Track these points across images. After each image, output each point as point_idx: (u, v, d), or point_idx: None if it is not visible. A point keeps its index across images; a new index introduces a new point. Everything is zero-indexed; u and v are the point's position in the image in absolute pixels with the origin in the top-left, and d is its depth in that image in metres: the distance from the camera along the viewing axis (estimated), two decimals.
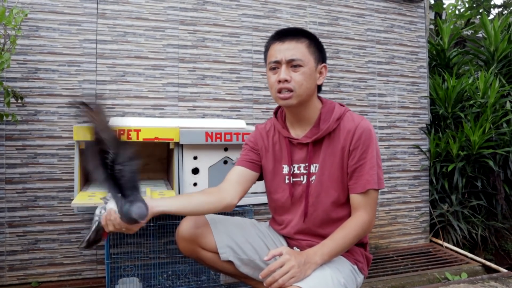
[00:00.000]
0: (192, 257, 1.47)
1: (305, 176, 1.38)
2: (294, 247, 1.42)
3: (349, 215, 1.33)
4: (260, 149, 1.47)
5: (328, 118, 1.34)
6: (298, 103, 1.31)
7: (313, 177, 1.35)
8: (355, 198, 1.30)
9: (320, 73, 1.36)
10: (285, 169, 1.40)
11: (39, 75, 2.07)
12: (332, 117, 1.33)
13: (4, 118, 1.84)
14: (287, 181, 1.40)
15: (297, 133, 1.40)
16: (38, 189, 2.05)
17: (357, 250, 1.38)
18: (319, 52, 1.35)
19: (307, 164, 1.36)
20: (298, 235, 1.42)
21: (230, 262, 1.41)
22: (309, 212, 1.37)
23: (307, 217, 1.38)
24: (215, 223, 1.43)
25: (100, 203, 1.07)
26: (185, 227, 1.40)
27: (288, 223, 1.44)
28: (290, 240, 1.47)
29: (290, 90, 1.29)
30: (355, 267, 1.33)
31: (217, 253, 1.40)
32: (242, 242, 1.43)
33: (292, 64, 1.29)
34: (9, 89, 1.82)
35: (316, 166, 1.35)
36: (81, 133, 1.68)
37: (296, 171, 1.39)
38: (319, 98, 1.42)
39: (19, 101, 1.95)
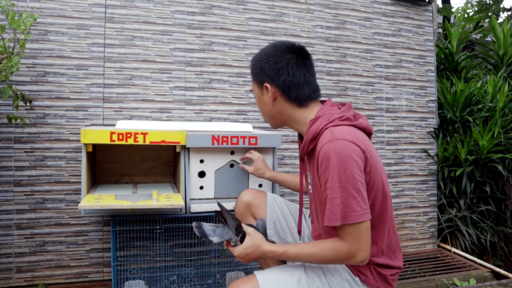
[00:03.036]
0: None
1: (307, 185, 1.39)
2: None
3: None
4: None
5: (305, 137, 1.25)
6: (274, 126, 1.40)
7: (311, 189, 1.33)
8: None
9: (268, 94, 1.30)
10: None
11: (48, 78, 2.09)
12: (305, 138, 1.24)
13: (13, 121, 1.87)
14: (305, 184, 1.43)
15: None
16: (46, 191, 2.07)
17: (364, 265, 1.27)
18: (259, 75, 1.31)
19: (307, 173, 1.36)
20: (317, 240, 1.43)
21: None
22: (313, 228, 1.40)
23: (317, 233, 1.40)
24: (273, 200, 1.59)
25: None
26: (247, 193, 1.63)
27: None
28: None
29: None
30: (357, 279, 1.26)
31: None
32: (290, 226, 1.56)
33: None
34: (18, 93, 1.84)
35: (309, 177, 1.32)
36: (88, 136, 1.69)
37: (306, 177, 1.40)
38: (322, 105, 1.33)
39: (28, 104, 1.97)
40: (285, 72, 1.27)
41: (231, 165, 1.92)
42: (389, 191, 1.26)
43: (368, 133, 1.25)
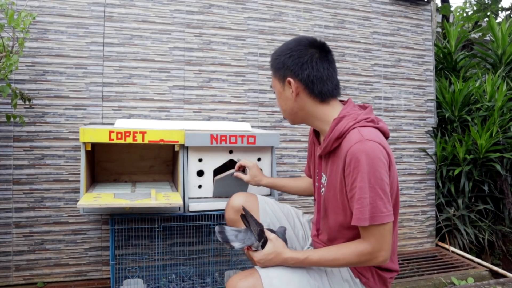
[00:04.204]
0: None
1: (317, 184, 1.38)
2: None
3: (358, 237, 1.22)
4: (310, 153, 1.52)
5: (330, 134, 1.23)
6: (293, 122, 1.38)
7: (323, 189, 1.32)
8: (359, 228, 1.19)
9: (290, 89, 1.28)
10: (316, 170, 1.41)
11: (47, 77, 2.09)
12: (330, 136, 1.22)
13: (12, 119, 1.87)
14: (315, 183, 1.42)
15: (321, 140, 1.36)
16: (45, 190, 2.07)
17: (365, 267, 1.28)
18: (281, 70, 1.29)
19: (321, 173, 1.35)
20: (316, 238, 1.43)
21: None
22: (320, 228, 1.38)
23: (319, 232, 1.39)
24: (264, 203, 1.54)
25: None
26: (236, 199, 1.55)
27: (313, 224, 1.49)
28: (314, 242, 1.48)
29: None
30: (357, 280, 1.28)
31: None
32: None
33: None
34: (17, 91, 1.84)
35: (325, 180, 1.30)
36: (87, 135, 1.69)
37: (317, 177, 1.39)
38: (343, 105, 1.32)
39: (27, 102, 1.97)
40: (309, 67, 1.25)
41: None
42: (399, 192, 1.26)
43: (386, 137, 1.25)
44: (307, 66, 1.25)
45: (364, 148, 1.11)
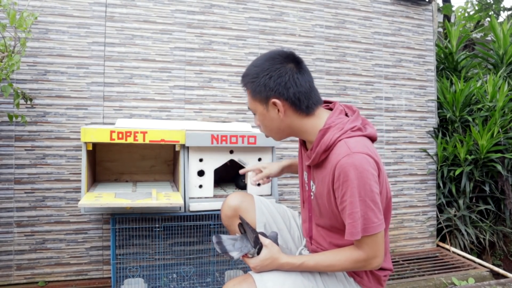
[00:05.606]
0: (229, 228, 1.56)
1: (307, 188, 1.38)
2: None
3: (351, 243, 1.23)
4: (299, 151, 1.51)
5: (317, 147, 1.22)
6: (279, 139, 1.35)
7: (312, 194, 1.33)
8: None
9: (276, 109, 1.24)
10: (304, 175, 1.40)
11: (48, 77, 2.10)
12: (317, 149, 1.21)
13: (14, 119, 1.87)
14: (304, 185, 1.41)
15: (308, 147, 1.36)
16: (46, 189, 2.08)
17: None
18: (262, 92, 1.24)
19: (310, 178, 1.35)
20: (309, 239, 1.43)
21: None
22: (313, 235, 1.38)
23: (313, 238, 1.39)
24: (261, 203, 1.54)
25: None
26: (233, 197, 1.55)
27: (302, 226, 1.49)
28: (307, 242, 1.48)
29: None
30: (351, 279, 1.30)
31: None
32: (280, 228, 1.51)
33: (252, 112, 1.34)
34: (19, 91, 1.85)
35: (313, 186, 1.31)
36: (89, 134, 1.70)
37: (306, 180, 1.39)
38: (328, 109, 1.32)
39: (29, 102, 1.98)
40: (293, 84, 1.22)
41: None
42: (391, 194, 1.27)
43: (373, 140, 1.26)
44: (291, 84, 1.22)
45: (353, 162, 1.10)
